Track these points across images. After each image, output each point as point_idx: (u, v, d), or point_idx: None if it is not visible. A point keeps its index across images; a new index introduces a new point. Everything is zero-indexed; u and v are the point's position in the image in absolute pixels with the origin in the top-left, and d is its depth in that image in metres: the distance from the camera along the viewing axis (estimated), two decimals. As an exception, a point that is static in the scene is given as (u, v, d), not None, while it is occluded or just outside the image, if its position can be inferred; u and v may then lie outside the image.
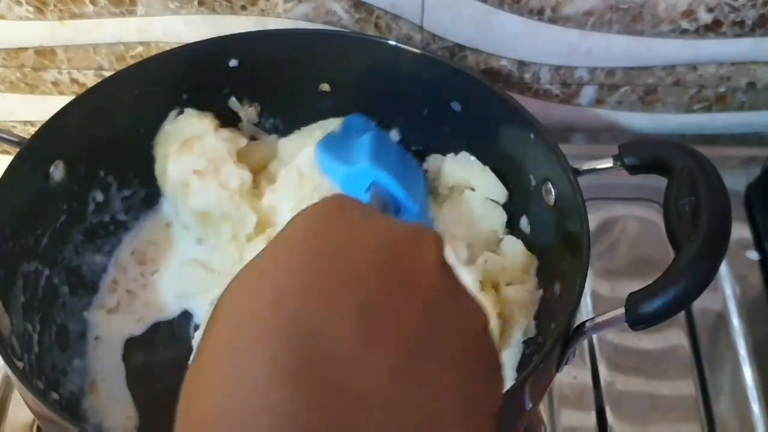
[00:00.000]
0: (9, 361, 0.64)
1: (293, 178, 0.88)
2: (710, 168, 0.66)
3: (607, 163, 0.71)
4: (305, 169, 0.87)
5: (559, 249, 0.74)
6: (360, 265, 0.38)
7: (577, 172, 0.71)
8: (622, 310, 0.62)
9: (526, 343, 0.80)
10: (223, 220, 0.87)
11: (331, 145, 0.85)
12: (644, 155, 0.70)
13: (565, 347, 0.64)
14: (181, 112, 0.87)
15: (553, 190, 0.75)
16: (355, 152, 0.83)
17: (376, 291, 0.37)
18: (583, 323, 0.64)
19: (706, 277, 0.61)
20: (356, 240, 0.39)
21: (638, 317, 0.61)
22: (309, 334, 0.35)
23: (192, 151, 0.86)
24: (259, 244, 0.83)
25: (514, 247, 0.84)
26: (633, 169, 0.70)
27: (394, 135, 0.91)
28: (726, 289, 0.90)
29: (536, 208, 0.80)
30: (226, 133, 0.88)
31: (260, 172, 0.91)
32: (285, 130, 0.93)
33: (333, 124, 0.90)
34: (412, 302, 0.37)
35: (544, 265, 0.81)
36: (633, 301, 0.61)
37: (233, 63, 0.86)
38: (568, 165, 0.72)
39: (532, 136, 0.77)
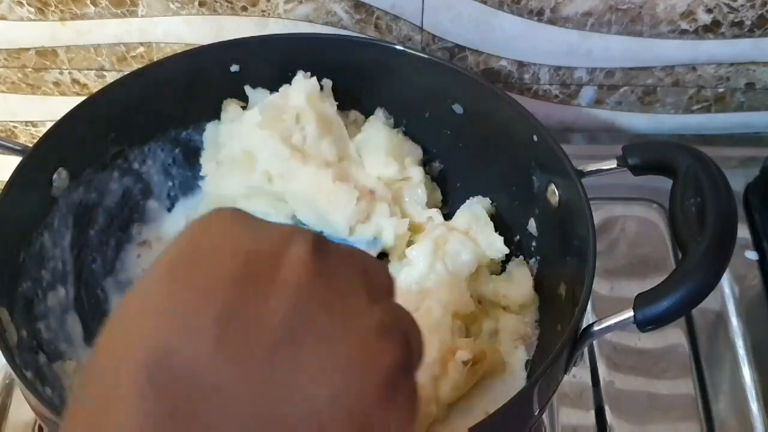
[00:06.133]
0: (17, 370, 0.63)
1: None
2: (715, 168, 0.66)
3: (611, 164, 0.71)
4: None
5: (564, 250, 0.74)
6: (217, 275, 0.38)
7: (581, 174, 0.71)
8: (630, 312, 0.61)
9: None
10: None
11: None
12: (648, 156, 0.70)
13: (573, 350, 0.64)
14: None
15: (557, 192, 0.75)
16: None
17: (232, 299, 0.38)
18: (591, 325, 0.64)
19: (713, 278, 0.61)
20: (217, 249, 0.40)
21: (647, 319, 0.61)
22: (166, 355, 0.36)
23: None
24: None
25: (521, 278, 0.83)
26: (637, 170, 0.70)
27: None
28: (725, 288, 0.91)
29: (541, 210, 0.80)
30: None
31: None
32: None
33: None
34: (273, 302, 0.38)
35: (549, 267, 0.80)
36: (641, 302, 0.61)
37: (234, 68, 0.86)
38: (572, 166, 0.72)
39: (535, 138, 0.76)
